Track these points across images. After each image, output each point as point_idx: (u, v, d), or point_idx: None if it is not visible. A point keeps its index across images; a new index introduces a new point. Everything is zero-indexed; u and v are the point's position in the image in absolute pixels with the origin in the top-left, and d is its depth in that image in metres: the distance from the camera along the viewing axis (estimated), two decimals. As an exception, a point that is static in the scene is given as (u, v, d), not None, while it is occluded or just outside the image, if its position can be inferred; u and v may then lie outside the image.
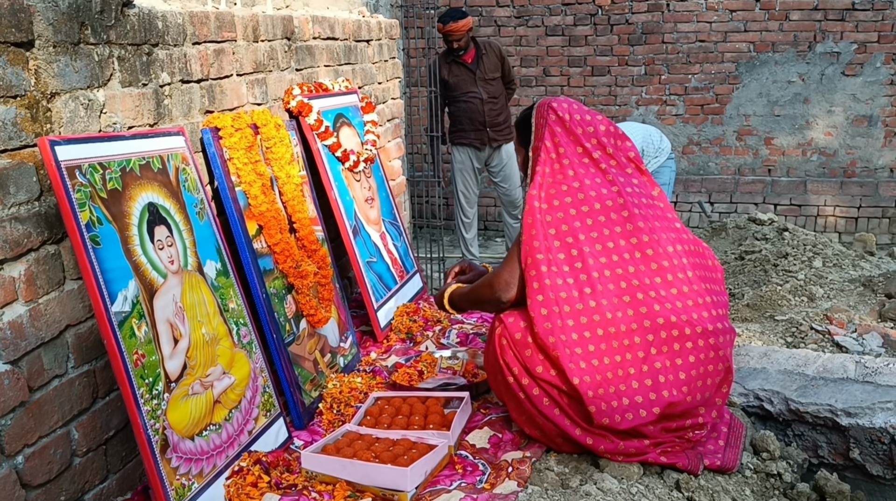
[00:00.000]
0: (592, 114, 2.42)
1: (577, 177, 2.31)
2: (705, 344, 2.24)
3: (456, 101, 5.66)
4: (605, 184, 2.32)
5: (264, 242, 2.56)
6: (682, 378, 2.22)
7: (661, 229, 2.34)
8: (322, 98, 3.21)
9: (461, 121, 5.70)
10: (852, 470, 2.59)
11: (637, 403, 2.20)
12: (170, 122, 2.30)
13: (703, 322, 2.24)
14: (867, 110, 6.83)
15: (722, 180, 7.10)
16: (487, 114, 5.61)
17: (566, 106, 2.39)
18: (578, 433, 2.25)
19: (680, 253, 2.33)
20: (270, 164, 2.69)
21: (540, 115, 2.40)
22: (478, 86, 5.58)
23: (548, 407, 2.25)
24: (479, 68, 5.57)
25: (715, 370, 2.28)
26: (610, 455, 2.26)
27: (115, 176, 1.92)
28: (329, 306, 2.81)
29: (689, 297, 2.27)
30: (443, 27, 5.40)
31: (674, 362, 2.21)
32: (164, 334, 1.95)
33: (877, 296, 4.14)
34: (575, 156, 2.35)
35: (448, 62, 5.59)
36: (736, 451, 2.43)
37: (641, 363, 2.20)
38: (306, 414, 2.53)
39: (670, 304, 2.23)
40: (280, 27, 2.97)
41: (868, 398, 2.57)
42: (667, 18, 6.99)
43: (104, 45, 1.99)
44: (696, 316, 2.24)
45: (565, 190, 2.30)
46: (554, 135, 2.36)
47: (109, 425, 2.01)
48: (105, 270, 1.80)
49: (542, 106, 2.41)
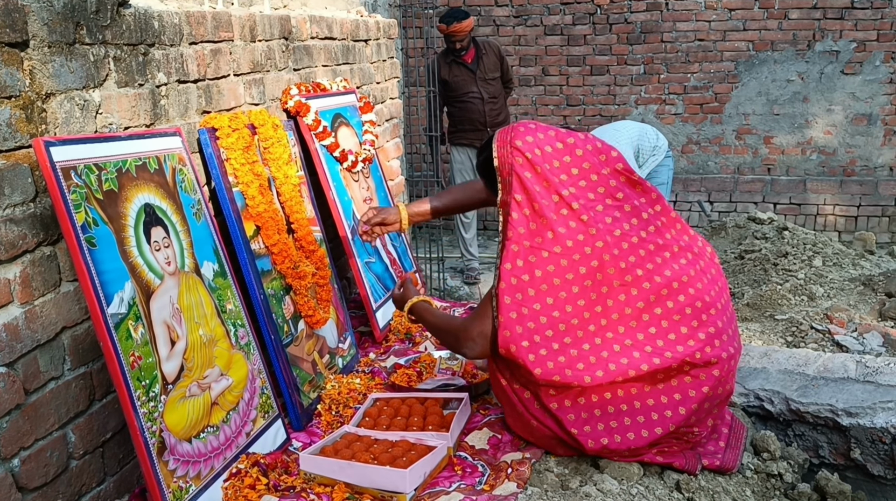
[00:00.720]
0: (564, 137, 2.13)
1: (556, 238, 2.06)
2: (720, 372, 2.17)
3: (455, 101, 5.65)
4: (588, 239, 2.07)
5: (262, 243, 2.55)
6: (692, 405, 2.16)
7: (664, 260, 2.15)
8: (320, 98, 3.20)
9: (461, 122, 5.69)
10: (853, 470, 2.58)
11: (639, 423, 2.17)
12: (166, 123, 2.29)
13: (717, 351, 2.13)
14: (867, 109, 6.82)
15: (721, 179, 7.09)
16: (488, 115, 5.60)
17: (531, 140, 2.08)
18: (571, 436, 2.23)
19: (693, 278, 2.15)
20: (268, 165, 2.68)
21: (504, 162, 2.08)
22: (478, 86, 5.57)
23: (538, 411, 2.24)
24: (479, 68, 5.56)
25: (724, 391, 2.25)
26: (608, 453, 2.25)
27: (111, 177, 1.91)
28: (327, 307, 2.80)
29: (706, 328, 2.14)
30: (446, 28, 5.38)
31: (685, 394, 2.14)
32: (160, 336, 1.94)
33: (877, 295, 4.14)
34: (552, 211, 2.07)
35: (448, 62, 5.58)
36: (736, 452, 2.41)
37: (647, 396, 2.15)
38: (305, 416, 2.52)
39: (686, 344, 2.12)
40: (277, 27, 2.96)
41: (869, 398, 2.56)
42: (666, 17, 6.98)
43: (100, 45, 1.98)
44: (710, 350, 2.12)
45: (546, 257, 2.07)
46: (524, 185, 2.06)
47: (106, 427, 2.00)
48: (101, 272, 1.79)
49: (504, 147, 2.08)
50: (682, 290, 2.13)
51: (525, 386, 2.24)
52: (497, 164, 2.10)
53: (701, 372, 2.14)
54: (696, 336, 2.13)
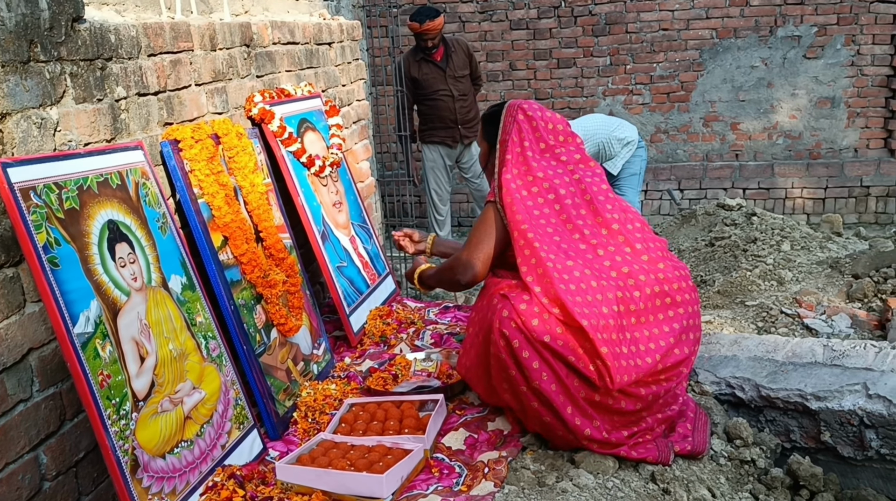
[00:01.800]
0: (553, 114, 2.65)
1: (539, 168, 2.51)
2: (684, 298, 2.44)
3: (426, 100, 5.64)
4: (566, 173, 2.52)
5: (230, 253, 2.54)
6: (675, 327, 2.40)
7: (618, 210, 2.53)
8: (284, 104, 3.19)
9: (432, 120, 5.68)
10: (824, 453, 2.62)
11: (642, 352, 2.31)
12: (128, 137, 2.27)
13: (679, 280, 2.44)
14: (829, 92, 6.91)
15: (691, 167, 7.15)
16: (458, 112, 5.60)
17: (536, 107, 2.62)
18: (569, 411, 2.26)
19: (640, 229, 2.53)
20: (234, 174, 2.67)
21: (510, 113, 2.59)
22: (448, 84, 5.56)
23: (545, 382, 2.25)
24: (449, 66, 5.55)
25: (695, 324, 2.46)
26: (588, 442, 2.28)
27: (71, 195, 1.89)
28: (300, 314, 2.80)
29: (657, 262, 2.46)
30: (419, 26, 5.35)
31: (659, 322, 2.39)
32: (129, 353, 1.93)
33: (844, 278, 4.20)
34: (538, 152, 2.55)
35: (417, 60, 5.57)
36: (704, 435, 2.47)
37: (635, 327, 2.35)
38: (280, 425, 2.52)
39: (648, 275, 2.40)
40: (238, 34, 2.94)
41: (836, 381, 2.60)
42: (629, 8, 7.02)
43: (55, 61, 1.96)
44: (673, 278, 2.43)
45: (531, 180, 2.49)
46: (521, 131, 2.55)
47: (79, 447, 1.99)
48: (65, 292, 1.78)
49: (513, 105, 2.61)
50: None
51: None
52: (505, 111, 2.60)
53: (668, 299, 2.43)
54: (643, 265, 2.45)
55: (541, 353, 2.25)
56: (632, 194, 5.09)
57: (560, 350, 2.23)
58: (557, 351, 2.23)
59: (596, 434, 2.28)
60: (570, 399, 2.26)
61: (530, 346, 2.25)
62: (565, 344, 2.24)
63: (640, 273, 2.39)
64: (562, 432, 2.30)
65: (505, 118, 2.60)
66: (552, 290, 2.27)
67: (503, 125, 2.58)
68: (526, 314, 2.27)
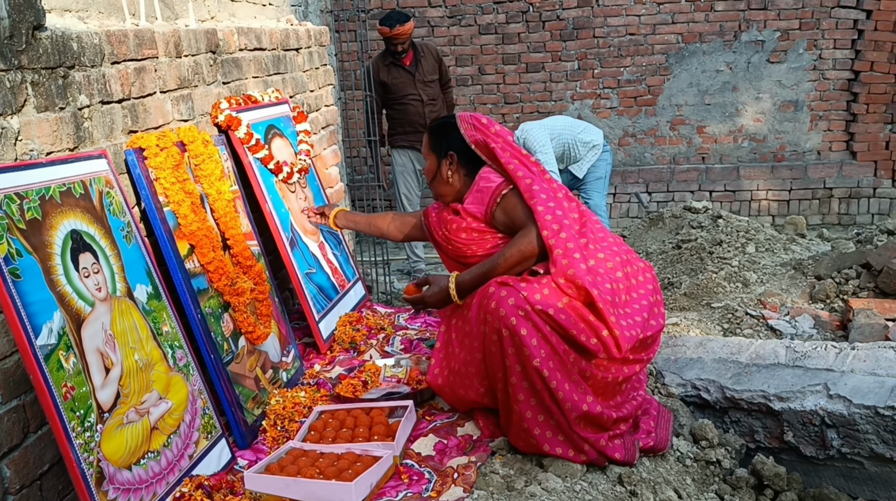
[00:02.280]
0: (502, 127, 2.73)
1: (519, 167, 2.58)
2: (649, 276, 2.58)
3: (395, 104, 5.63)
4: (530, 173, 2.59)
5: (197, 261, 2.53)
6: (644, 304, 2.50)
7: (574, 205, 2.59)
8: (251, 110, 3.18)
9: (401, 124, 5.68)
10: (787, 453, 2.68)
11: (630, 324, 2.38)
12: (91, 146, 2.25)
13: (635, 260, 2.59)
14: (793, 95, 7.03)
15: (658, 170, 7.23)
16: (428, 116, 5.61)
17: (486, 119, 2.68)
18: (567, 388, 2.29)
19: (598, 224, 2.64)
20: (200, 182, 2.66)
21: (466, 121, 2.66)
22: (417, 89, 5.56)
23: (544, 360, 2.27)
24: (419, 70, 5.55)
25: (659, 300, 2.59)
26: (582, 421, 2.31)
27: (33, 205, 1.87)
28: (268, 322, 2.79)
29: (621, 244, 2.60)
30: (389, 31, 5.33)
31: (638, 292, 2.51)
32: (94, 364, 1.91)
33: (807, 279, 4.28)
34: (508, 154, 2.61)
35: (386, 64, 5.56)
36: (666, 432, 2.52)
37: (625, 293, 2.47)
38: (249, 433, 2.51)
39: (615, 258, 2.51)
40: (204, 41, 2.93)
41: (798, 382, 2.66)
42: (597, 13, 7.08)
43: (16, 70, 1.93)
44: (633, 259, 2.58)
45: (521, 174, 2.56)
46: (487, 134, 2.63)
47: (43, 459, 1.96)
48: (27, 303, 1.76)
49: (465, 115, 2.68)
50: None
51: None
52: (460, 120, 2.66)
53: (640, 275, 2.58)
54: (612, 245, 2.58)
55: (540, 328, 2.28)
56: (598, 198, 5.14)
57: (563, 323, 2.29)
58: (560, 324, 2.29)
59: (592, 409, 2.31)
60: (567, 375, 2.30)
61: (528, 322, 2.28)
62: (567, 318, 2.29)
63: (614, 255, 2.50)
64: (538, 432, 2.32)
65: (463, 126, 2.65)
66: (566, 256, 2.34)
67: (465, 132, 2.64)
68: (527, 290, 2.32)
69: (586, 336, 2.30)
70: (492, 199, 2.54)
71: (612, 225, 6.80)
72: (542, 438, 2.32)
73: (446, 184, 2.67)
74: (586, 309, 2.32)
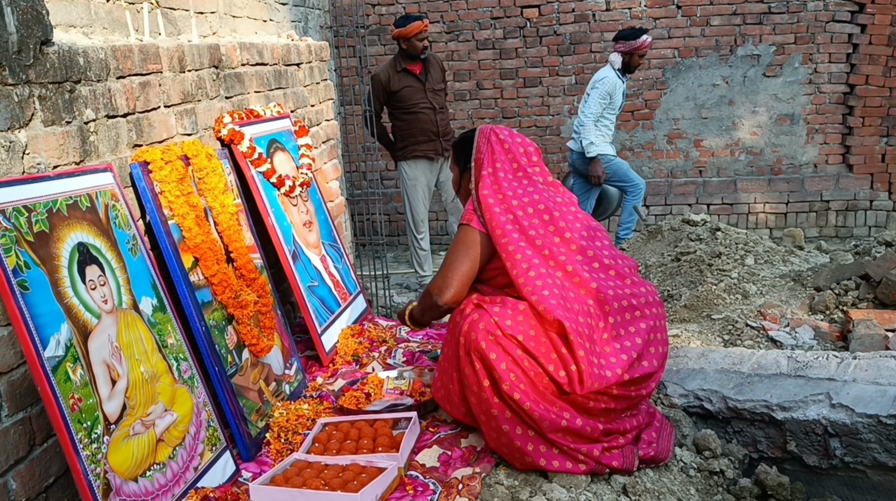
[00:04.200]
0: (524, 139, 2.75)
1: (510, 187, 2.59)
2: (646, 313, 2.49)
3: (405, 114, 5.52)
4: (536, 191, 2.60)
5: (201, 274, 2.54)
6: (638, 342, 2.41)
7: (586, 228, 2.60)
8: (254, 125, 3.20)
9: (412, 134, 5.55)
10: (791, 462, 2.68)
11: (610, 364, 2.34)
12: (97, 159, 2.27)
13: (645, 295, 2.52)
14: (789, 109, 7.08)
15: (656, 183, 7.26)
16: (440, 124, 5.52)
17: (507, 131, 2.73)
18: (541, 407, 2.27)
19: (608, 246, 2.62)
20: (204, 195, 2.67)
21: (483, 135, 2.70)
22: (428, 97, 5.51)
23: (514, 383, 2.27)
24: (428, 79, 5.52)
25: (658, 339, 2.49)
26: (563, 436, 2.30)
27: (41, 218, 1.89)
28: (271, 334, 2.80)
29: (625, 277, 2.54)
30: (421, 23, 5.27)
31: (628, 331, 2.44)
32: (100, 376, 1.92)
33: (806, 290, 4.29)
34: (510, 172, 2.64)
35: (398, 72, 5.50)
36: (668, 443, 2.51)
37: (605, 342, 2.39)
38: (253, 446, 2.51)
39: (616, 290, 2.47)
40: (207, 56, 2.95)
41: (800, 391, 2.66)
42: (593, 28, 7.14)
43: (23, 84, 1.95)
44: (638, 292, 2.50)
45: (501, 198, 2.57)
46: (493, 152, 2.66)
47: (49, 472, 1.96)
48: (35, 315, 1.76)
49: (485, 129, 2.72)
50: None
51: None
52: (478, 135, 2.70)
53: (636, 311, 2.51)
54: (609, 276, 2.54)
55: (510, 352, 2.29)
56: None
57: (532, 350, 2.29)
58: (529, 351, 2.29)
59: (571, 424, 2.29)
60: (540, 396, 2.29)
61: (498, 346, 2.29)
62: (537, 347, 2.29)
63: (607, 288, 2.45)
64: (531, 448, 2.31)
65: (478, 140, 2.69)
66: (534, 293, 2.34)
67: (476, 146, 2.68)
68: (499, 315, 2.33)
69: (555, 367, 2.30)
70: (461, 221, 2.60)
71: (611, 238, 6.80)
72: (535, 454, 2.31)
73: (470, 196, 2.69)
74: (560, 340, 2.31)
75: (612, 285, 2.48)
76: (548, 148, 7.40)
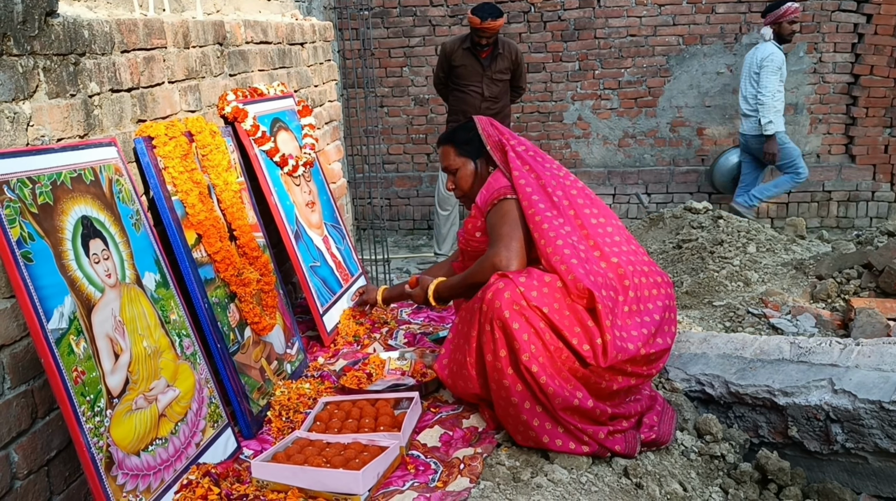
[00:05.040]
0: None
1: (533, 160, 2.63)
2: (660, 292, 2.52)
3: (457, 90, 5.59)
4: (553, 167, 2.65)
5: (204, 251, 2.53)
6: (656, 319, 2.45)
7: (602, 215, 2.61)
8: (257, 103, 3.18)
9: (456, 112, 5.61)
10: (791, 448, 2.68)
11: (631, 337, 2.36)
12: (101, 133, 2.25)
13: (654, 274, 2.54)
14: (792, 99, 7.06)
15: (658, 171, 7.25)
16: (483, 112, 5.49)
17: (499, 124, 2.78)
18: (556, 383, 2.27)
19: (620, 230, 2.63)
20: (207, 172, 2.66)
21: (482, 122, 2.75)
22: (482, 83, 5.50)
23: (534, 355, 2.27)
24: (490, 66, 5.48)
25: (671, 318, 2.52)
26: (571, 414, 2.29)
27: (45, 190, 1.87)
28: (273, 313, 2.79)
29: (642, 254, 2.59)
30: (480, 22, 5.23)
31: (646, 306, 2.47)
32: (104, 349, 1.91)
33: (808, 278, 4.29)
34: (526, 151, 2.67)
35: (464, 48, 5.49)
36: (669, 427, 2.52)
37: (626, 315, 2.42)
38: (255, 423, 2.50)
39: (635, 266, 2.51)
40: (211, 33, 2.93)
41: (803, 377, 2.66)
42: (598, 14, 7.11)
43: (28, 55, 1.93)
44: (648, 270, 2.54)
45: (528, 169, 2.60)
46: (503, 132, 2.71)
47: (51, 445, 1.96)
48: (39, 287, 1.76)
49: (482, 117, 2.78)
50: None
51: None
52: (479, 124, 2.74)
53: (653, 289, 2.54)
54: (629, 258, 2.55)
55: (533, 324, 2.28)
56: None
57: (556, 323, 2.29)
58: (553, 323, 2.29)
59: (583, 404, 2.29)
60: (557, 371, 2.29)
61: (522, 317, 2.29)
62: (561, 320, 2.30)
63: (627, 263, 2.49)
64: (537, 424, 2.31)
65: (481, 125, 2.73)
66: (563, 262, 2.35)
67: (483, 131, 2.71)
68: (525, 285, 2.33)
69: (579, 340, 2.30)
70: (490, 201, 2.57)
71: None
72: (541, 430, 2.31)
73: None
74: (586, 313, 2.32)
75: (632, 260, 2.51)
76: (550, 134, 7.38)
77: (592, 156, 7.40)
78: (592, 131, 7.35)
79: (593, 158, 7.41)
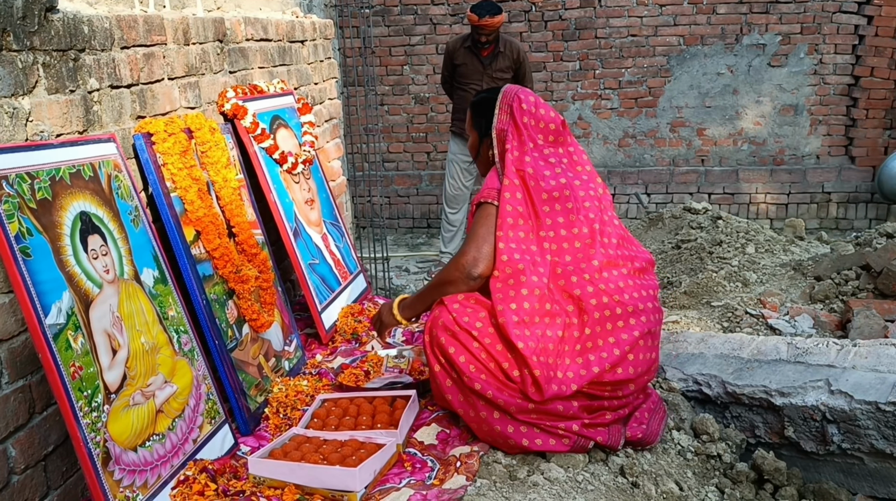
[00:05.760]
0: (547, 107, 2.54)
1: (533, 162, 2.44)
2: (636, 322, 2.34)
3: (459, 88, 5.62)
4: (553, 176, 2.45)
5: (203, 248, 2.53)
6: (616, 353, 2.30)
7: (600, 221, 2.46)
8: (257, 100, 3.18)
9: (459, 110, 5.61)
10: (788, 448, 2.68)
11: (568, 378, 2.27)
12: (100, 129, 2.25)
13: (633, 301, 2.36)
14: (793, 100, 7.06)
15: (657, 171, 7.25)
16: None
17: (532, 98, 2.51)
18: (491, 394, 2.25)
19: (616, 245, 2.46)
20: (206, 169, 2.66)
21: (505, 102, 2.50)
22: (483, 81, 5.50)
23: (464, 365, 2.28)
24: (491, 65, 5.49)
25: (646, 346, 2.36)
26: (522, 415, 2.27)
27: (44, 185, 1.88)
28: (271, 310, 2.79)
29: (621, 280, 2.39)
30: (477, 19, 5.23)
31: (606, 340, 2.31)
32: (101, 345, 1.91)
33: (807, 279, 4.29)
34: (534, 148, 2.48)
35: (465, 47, 5.51)
36: (658, 426, 2.48)
37: (576, 342, 2.31)
38: (252, 420, 2.51)
39: (604, 285, 2.35)
40: (211, 29, 2.93)
41: (800, 378, 2.67)
42: (599, 14, 7.10)
43: (28, 51, 1.94)
44: (628, 297, 2.36)
45: (523, 174, 2.43)
46: (516, 126, 2.48)
47: (48, 440, 1.96)
48: (37, 282, 1.76)
49: (509, 94, 2.51)
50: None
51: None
52: (500, 99, 2.50)
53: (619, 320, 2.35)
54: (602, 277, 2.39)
55: (467, 346, 2.29)
56: None
57: (487, 347, 2.28)
58: (484, 346, 2.27)
59: (541, 407, 2.25)
60: (503, 384, 2.26)
61: (455, 341, 2.30)
62: (492, 343, 2.28)
63: (601, 293, 2.34)
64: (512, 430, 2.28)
65: (500, 109, 2.50)
66: (503, 316, 2.28)
67: (498, 116, 2.50)
68: (458, 311, 2.32)
69: (510, 364, 2.26)
70: (478, 200, 2.46)
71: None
72: (517, 435, 2.28)
73: (490, 164, 2.54)
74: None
75: (606, 289, 2.34)
76: (550, 133, 7.37)
77: (592, 155, 7.40)
78: (592, 131, 7.36)
79: (593, 158, 7.40)
